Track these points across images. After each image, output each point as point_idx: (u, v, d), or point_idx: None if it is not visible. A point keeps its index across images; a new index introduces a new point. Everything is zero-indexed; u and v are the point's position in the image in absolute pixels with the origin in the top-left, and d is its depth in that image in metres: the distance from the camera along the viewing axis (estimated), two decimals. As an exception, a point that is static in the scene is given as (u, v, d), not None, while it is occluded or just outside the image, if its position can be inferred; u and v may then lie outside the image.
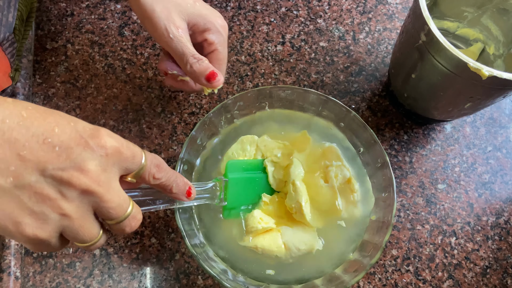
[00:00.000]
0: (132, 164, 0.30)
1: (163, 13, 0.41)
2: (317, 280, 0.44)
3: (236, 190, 0.44)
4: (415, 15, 0.43)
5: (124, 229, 0.31)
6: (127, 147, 0.30)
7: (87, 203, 0.28)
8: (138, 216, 0.31)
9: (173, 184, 0.34)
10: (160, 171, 0.33)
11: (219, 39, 0.45)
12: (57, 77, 0.57)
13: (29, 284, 0.47)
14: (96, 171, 0.27)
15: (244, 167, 0.45)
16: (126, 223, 0.30)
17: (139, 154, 0.31)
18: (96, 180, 0.27)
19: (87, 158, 0.27)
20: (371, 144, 0.46)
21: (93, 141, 0.27)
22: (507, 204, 0.53)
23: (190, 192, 0.37)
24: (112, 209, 0.29)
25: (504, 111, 0.58)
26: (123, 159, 0.29)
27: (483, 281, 0.50)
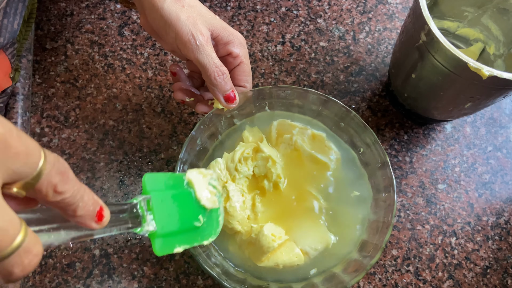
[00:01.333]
0: (24, 166, 0.20)
1: (189, 20, 0.40)
2: (317, 280, 0.44)
3: (163, 209, 0.34)
4: (415, 15, 0.43)
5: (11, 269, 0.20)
6: (18, 137, 0.20)
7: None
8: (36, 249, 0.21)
9: (79, 203, 0.23)
10: (66, 181, 0.22)
11: (243, 51, 0.44)
12: (57, 77, 0.57)
13: (29, 284, 0.47)
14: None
15: (165, 181, 0.36)
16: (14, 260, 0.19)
17: (36, 152, 0.21)
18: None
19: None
20: (371, 144, 0.46)
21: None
22: (507, 204, 0.53)
23: (102, 214, 0.25)
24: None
25: (504, 111, 0.58)
26: (11, 155, 0.20)
27: (483, 281, 0.50)
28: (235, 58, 0.44)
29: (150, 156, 0.53)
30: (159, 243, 0.34)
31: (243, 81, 0.45)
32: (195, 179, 0.37)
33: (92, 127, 0.54)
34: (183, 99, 0.46)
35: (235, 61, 0.44)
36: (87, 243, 0.49)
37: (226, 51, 0.44)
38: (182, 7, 0.40)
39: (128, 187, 0.52)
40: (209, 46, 0.41)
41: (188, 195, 0.37)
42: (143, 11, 0.43)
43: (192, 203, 0.37)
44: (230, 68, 0.45)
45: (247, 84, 0.46)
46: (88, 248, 0.49)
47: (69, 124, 0.54)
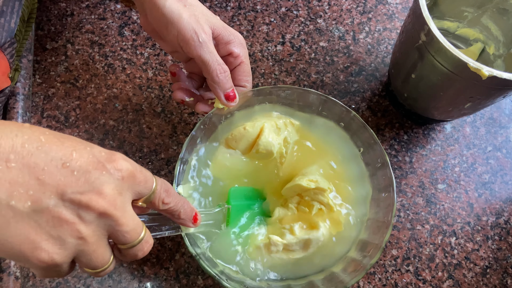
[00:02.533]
0: (144, 189, 0.30)
1: (191, 18, 0.40)
2: (317, 280, 0.44)
3: (237, 216, 0.44)
4: (415, 15, 0.43)
5: (137, 253, 0.31)
6: (140, 171, 0.30)
7: (103, 226, 0.28)
8: (150, 241, 0.31)
9: (181, 210, 0.34)
10: (169, 196, 0.33)
11: (243, 52, 0.45)
12: (57, 77, 0.57)
13: (29, 284, 0.47)
14: (113, 194, 0.27)
15: (245, 193, 0.46)
16: (139, 248, 0.30)
17: (150, 178, 0.31)
18: (113, 203, 0.27)
19: (105, 181, 0.27)
20: (371, 144, 0.46)
21: (110, 165, 0.28)
22: (507, 204, 0.53)
23: (197, 218, 0.37)
24: (127, 233, 0.29)
25: (504, 111, 0.58)
26: (136, 183, 0.29)
27: (483, 281, 0.50)
28: (236, 58, 0.44)
29: (150, 156, 0.53)
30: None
31: (243, 81, 0.45)
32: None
33: (92, 127, 0.54)
34: (182, 99, 0.46)
35: (235, 61, 0.44)
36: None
37: (227, 51, 0.44)
38: (184, 6, 0.41)
39: (128, 187, 0.52)
40: (211, 43, 0.41)
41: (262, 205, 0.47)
42: (144, 10, 0.43)
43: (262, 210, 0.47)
44: (231, 68, 0.45)
45: (247, 84, 0.46)
46: (88, 248, 0.49)
47: (70, 124, 0.54)
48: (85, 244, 0.27)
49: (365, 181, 0.48)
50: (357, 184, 0.48)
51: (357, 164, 0.48)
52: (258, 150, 0.46)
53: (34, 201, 0.25)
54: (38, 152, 0.25)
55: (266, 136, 0.46)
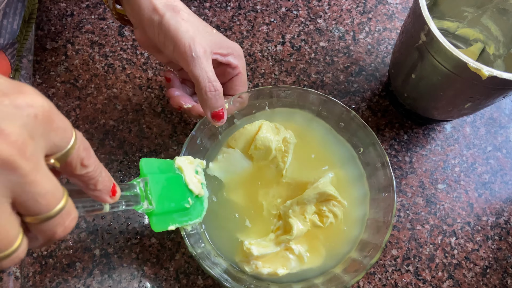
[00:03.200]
0: (61, 140, 0.23)
1: (188, 33, 0.40)
2: (317, 280, 0.44)
3: (159, 190, 0.38)
4: (415, 15, 0.43)
5: (55, 230, 0.22)
6: (58, 114, 0.22)
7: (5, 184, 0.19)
8: (74, 213, 0.24)
9: (99, 178, 0.27)
10: (89, 156, 0.25)
11: (241, 63, 0.46)
12: (57, 77, 0.57)
13: (29, 284, 0.47)
14: (20, 135, 0.20)
15: (158, 165, 0.40)
16: (57, 221, 0.22)
17: (70, 128, 0.23)
18: (21, 149, 0.19)
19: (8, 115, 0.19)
20: (371, 144, 0.46)
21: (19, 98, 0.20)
22: (507, 204, 0.53)
23: (115, 190, 0.29)
24: (41, 196, 0.21)
25: (504, 111, 0.58)
26: (54, 128, 0.22)
27: (483, 281, 0.50)
28: (234, 69, 0.45)
29: (150, 156, 0.53)
30: (156, 220, 0.38)
31: (239, 91, 0.47)
32: (183, 165, 0.42)
33: (92, 127, 0.54)
34: (180, 106, 0.47)
35: (233, 72, 0.46)
36: (87, 242, 0.49)
37: (226, 62, 0.45)
38: (181, 20, 0.41)
39: (128, 187, 0.52)
40: (206, 59, 0.41)
41: (178, 179, 0.41)
42: (141, 25, 0.43)
43: (182, 186, 0.41)
44: (228, 78, 0.47)
45: (243, 95, 0.47)
46: (88, 248, 0.49)
47: (69, 124, 0.54)
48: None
49: (363, 182, 0.48)
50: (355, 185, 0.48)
51: (355, 166, 0.48)
52: (256, 146, 0.46)
53: None
54: None
55: (264, 132, 0.46)
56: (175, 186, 0.41)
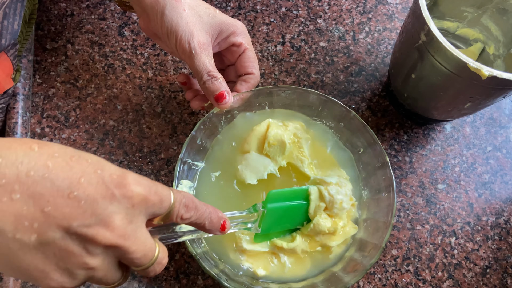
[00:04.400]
0: (159, 209, 0.29)
1: (187, 27, 0.41)
2: (317, 280, 0.44)
3: (273, 219, 0.42)
4: (415, 15, 0.43)
5: (149, 273, 0.30)
6: (155, 193, 0.28)
7: (112, 255, 0.27)
8: (164, 261, 0.31)
9: (206, 222, 0.33)
10: (189, 210, 0.31)
11: (245, 39, 0.46)
12: (57, 77, 0.57)
13: (29, 284, 0.47)
14: (122, 225, 0.26)
15: (286, 196, 0.43)
16: (151, 269, 0.30)
17: (167, 197, 0.29)
18: (122, 234, 0.26)
19: (113, 212, 0.26)
20: (371, 144, 0.46)
21: (119, 192, 0.26)
22: (507, 204, 0.53)
23: (225, 227, 0.35)
24: (138, 259, 0.28)
25: (504, 111, 0.58)
26: (150, 206, 0.28)
27: (483, 281, 0.50)
28: (239, 46, 0.46)
29: (150, 156, 0.53)
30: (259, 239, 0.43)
31: (250, 67, 0.47)
32: (313, 194, 0.44)
33: (92, 127, 0.54)
34: (202, 106, 0.48)
35: (239, 49, 0.46)
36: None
37: (229, 43, 0.45)
38: (182, 11, 0.41)
39: (128, 187, 0.52)
40: (204, 53, 0.42)
41: (301, 208, 0.44)
42: (145, 14, 0.43)
43: (302, 213, 0.44)
44: (236, 56, 0.47)
45: (254, 70, 0.47)
46: (88, 248, 0.49)
47: (70, 124, 0.54)
48: (95, 272, 0.27)
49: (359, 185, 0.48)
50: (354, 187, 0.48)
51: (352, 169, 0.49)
52: (270, 143, 0.46)
53: (40, 234, 0.24)
54: (44, 181, 0.24)
55: (274, 129, 0.46)
56: (294, 214, 0.44)
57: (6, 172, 0.23)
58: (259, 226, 0.41)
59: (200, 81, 0.43)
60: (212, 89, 0.43)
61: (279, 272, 0.44)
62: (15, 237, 0.24)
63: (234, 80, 0.49)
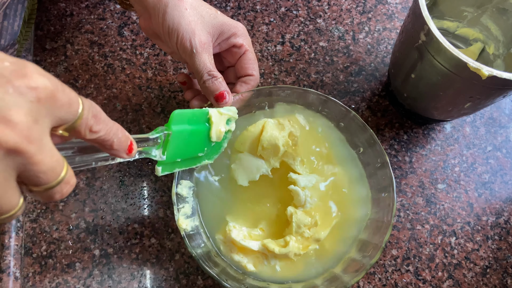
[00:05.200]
0: (67, 113, 0.24)
1: (189, 26, 0.41)
2: (317, 280, 0.44)
3: (177, 143, 0.39)
4: (414, 15, 0.43)
5: (53, 196, 0.25)
6: (62, 91, 0.24)
7: (12, 165, 0.22)
8: (72, 181, 0.26)
9: (114, 139, 0.29)
10: (99, 122, 0.27)
11: (246, 41, 0.46)
12: (57, 77, 0.57)
13: (28, 285, 0.47)
14: (25, 122, 0.21)
15: (189, 118, 0.41)
16: (56, 190, 0.25)
17: (75, 100, 0.25)
18: (26, 135, 0.21)
19: (13, 104, 0.21)
20: (371, 144, 0.46)
21: (20, 82, 0.21)
22: (507, 204, 0.53)
23: (132, 148, 0.31)
24: (43, 173, 0.23)
25: (504, 111, 0.58)
26: (58, 106, 0.23)
27: (483, 281, 0.50)
28: (240, 48, 0.46)
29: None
30: (162, 168, 0.40)
31: (250, 69, 0.47)
32: (215, 116, 0.43)
33: (92, 127, 0.54)
34: (201, 106, 0.48)
35: (240, 51, 0.46)
36: (87, 243, 0.49)
37: (230, 44, 0.45)
38: (184, 10, 0.41)
39: (128, 187, 0.52)
40: (205, 52, 0.42)
41: (203, 131, 0.42)
42: (147, 14, 0.43)
43: (204, 138, 0.43)
44: (236, 58, 0.47)
45: (254, 72, 0.47)
46: (88, 248, 0.49)
47: (69, 124, 0.54)
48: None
49: (364, 182, 0.48)
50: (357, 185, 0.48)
51: (356, 166, 0.48)
52: (263, 146, 0.46)
53: None
54: None
55: (269, 131, 0.46)
56: (197, 139, 0.42)
57: None
58: (163, 153, 0.38)
59: (200, 81, 0.43)
60: (212, 88, 0.43)
61: (270, 272, 0.44)
62: None
63: (233, 81, 0.49)
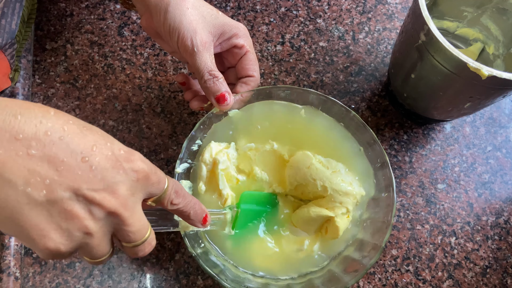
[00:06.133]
0: (156, 190, 0.31)
1: (190, 25, 0.41)
2: (317, 280, 0.44)
3: (245, 220, 0.45)
4: (414, 15, 0.43)
5: (137, 253, 0.31)
6: (154, 173, 0.30)
7: (110, 224, 0.28)
8: (153, 242, 0.32)
9: (191, 211, 0.35)
10: (178, 197, 0.33)
11: (247, 42, 0.46)
12: (57, 78, 0.57)
13: (28, 285, 0.47)
14: (126, 195, 0.28)
15: (257, 199, 0.46)
16: (140, 248, 0.31)
17: (163, 180, 0.31)
18: (124, 203, 0.28)
19: (120, 181, 0.28)
20: (370, 144, 0.46)
21: (127, 165, 0.28)
22: (507, 204, 0.53)
23: (206, 220, 0.37)
24: (132, 233, 0.29)
25: (504, 111, 0.58)
26: (149, 184, 0.30)
27: (483, 281, 0.50)
28: (241, 48, 0.46)
29: (150, 156, 0.53)
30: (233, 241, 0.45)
31: (251, 70, 0.47)
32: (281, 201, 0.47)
33: (92, 127, 0.54)
34: (201, 107, 0.48)
35: (241, 51, 0.46)
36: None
37: (231, 44, 0.45)
38: (186, 9, 0.42)
39: (128, 187, 0.52)
40: (206, 51, 0.42)
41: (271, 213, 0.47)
42: (148, 12, 0.43)
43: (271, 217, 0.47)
44: (237, 58, 0.47)
45: (255, 73, 0.47)
46: (88, 248, 0.49)
47: (69, 125, 0.54)
48: (90, 238, 0.28)
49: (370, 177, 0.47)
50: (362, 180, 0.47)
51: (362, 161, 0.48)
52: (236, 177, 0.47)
53: (50, 192, 0.25)
54: (60, 143, 0.25)
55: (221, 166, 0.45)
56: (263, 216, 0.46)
57: (25, 129, 0.25)
58: (233, 228, 0.43)
59: (201, 80, 0.43)
60: (214, 89, 0.43)
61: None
62: (26, 191, 0.25)
63: (233, 82, 0.49)
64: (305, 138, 0.48)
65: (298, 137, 0.48)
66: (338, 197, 0.44)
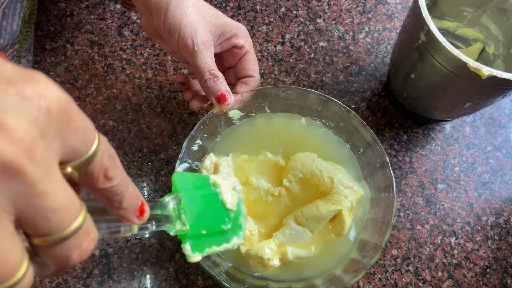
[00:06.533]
0: (81, 143, 0.18)
1: (191, 24, 0.41)
2: (317, 280, 0.44)
3: (194, 209, 0.33)
4: (414, 15, 0.43)
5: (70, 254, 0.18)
6: (77, 111, 0.18)
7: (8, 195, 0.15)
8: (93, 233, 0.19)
9: (125, 193, 0.22)
10: (115, 166, 0.21)
11: (247, 42, 0.46)
12: (57, 78, 0.57)
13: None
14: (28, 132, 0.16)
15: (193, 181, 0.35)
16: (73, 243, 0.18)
17: (92, 130, 0.19)
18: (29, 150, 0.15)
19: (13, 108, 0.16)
20: (370, 144, 0.46)
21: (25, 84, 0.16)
22: (507, 204, 0.53)
23: (144, 209, 0.24)
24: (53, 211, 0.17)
25: (504, 111, 0.58)
26: (72, 128, 0.18)
27: (483, 281, 0.50)
28: (241, 48, 0.46)
29: (150, 156, 0.53)
30: (192, 245, 0.33)
31: (251, 70, 0.47)
32: (220, 182, 0.37)
33: (92, 127, 0.54)
34: (201, 107, 0.48)
35: (241, 52, 0.46)
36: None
37: (231, 44, 0.45)
38: (186, 9, 0.42)
39: (128, 187, 0.52)
40: (207, 50, 0.42)
41: (215, 197, 0.36)
42: (148, 12, 0.43)
43: (219, 205, 0.36)
44: (237, 59, 0.47)
45: (255, 73, 0.47)
46: (88, 248, 0.49)
47: (69, 125, 0.54)
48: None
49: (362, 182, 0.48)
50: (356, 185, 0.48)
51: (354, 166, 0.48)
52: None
53: None
54: None
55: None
56: (211, 205, 0.36)
57: None
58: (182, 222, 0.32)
59: (201, 80, 0.43)
60: (214, 89, 0.43)
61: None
62: None
63: (233, 82, 0.49)
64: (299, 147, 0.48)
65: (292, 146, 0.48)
66: (343, 190, 0.44)
